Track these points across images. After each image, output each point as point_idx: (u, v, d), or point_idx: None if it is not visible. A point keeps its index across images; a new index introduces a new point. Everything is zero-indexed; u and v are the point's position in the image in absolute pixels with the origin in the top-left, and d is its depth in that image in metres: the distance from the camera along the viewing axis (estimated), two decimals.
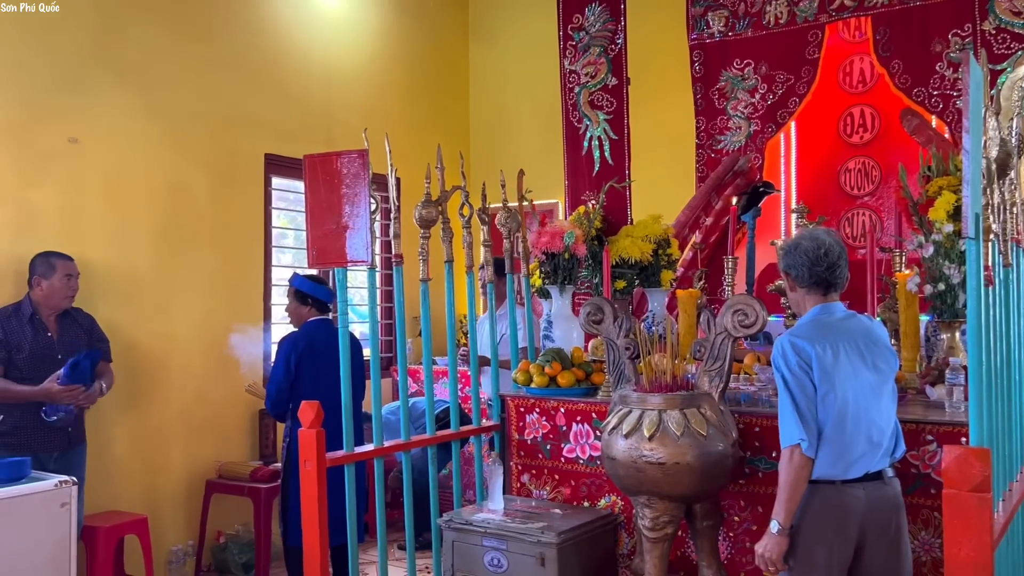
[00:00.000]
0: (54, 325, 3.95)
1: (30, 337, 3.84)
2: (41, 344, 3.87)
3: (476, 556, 3.11)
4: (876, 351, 2.54)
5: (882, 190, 5.16)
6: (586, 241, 4.02)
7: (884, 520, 2.46)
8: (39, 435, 3.77)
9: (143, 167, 4.67)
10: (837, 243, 2.58)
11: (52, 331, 3.93)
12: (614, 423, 2.88)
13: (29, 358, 3.82)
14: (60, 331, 3.96)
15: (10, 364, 3.79)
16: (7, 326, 3.82)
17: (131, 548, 4.33)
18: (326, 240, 3.04)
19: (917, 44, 4.40)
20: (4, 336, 3.80)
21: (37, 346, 3.85)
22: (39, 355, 3.84)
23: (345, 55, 5.99)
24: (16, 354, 3.80)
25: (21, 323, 3.85)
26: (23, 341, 3.82)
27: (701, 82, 5.16)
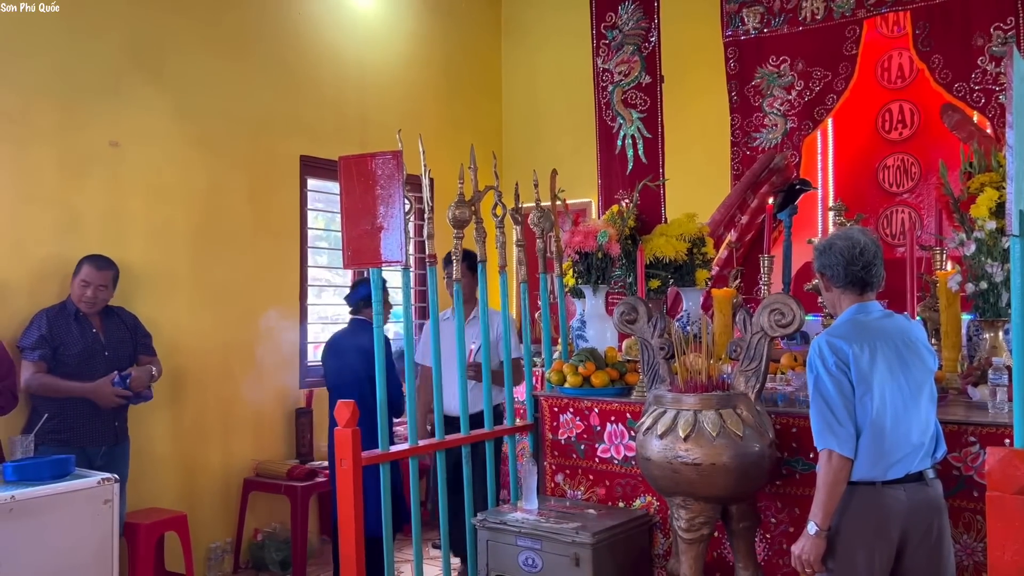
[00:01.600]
0: (99, 323, 4.05)
1: (77, 335, 3.94)
2: (89, 341, 3.97)
3: (510, 556, 3.12)
4: (914, 351, 2.51)
5: (922, 187, 5.07)
6: (620, 240, 4.00)
7: (926, 522, 2.42)
8: (88, 430, 3.87)
9: (181, 169, 4.75)
10: (873, 242, 2.55)
11: (98, 328, 4.03)
12: (649, 423, 2.87)
13: (79, 355, 3.92)
14: (106, 329, 4.06)
15: (57, 361, 3.88)
16: (54, 324, 3.92)
17: (171, 545, 4.40)
18: (361, 241, 3.06)
19: (958, 38, 4.31)
20: (50, 334, 3.89)
21: (85, 343, 3.95)
22: (88, 352, 3.95)
23: (378, 56, 6.03)
24: (65, 351, 3.90)
25: (67, 321, 3.95)
26: (71, 339, 3.92)
27: (736, 79, 5.11)
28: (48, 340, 3.88)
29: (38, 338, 3.85)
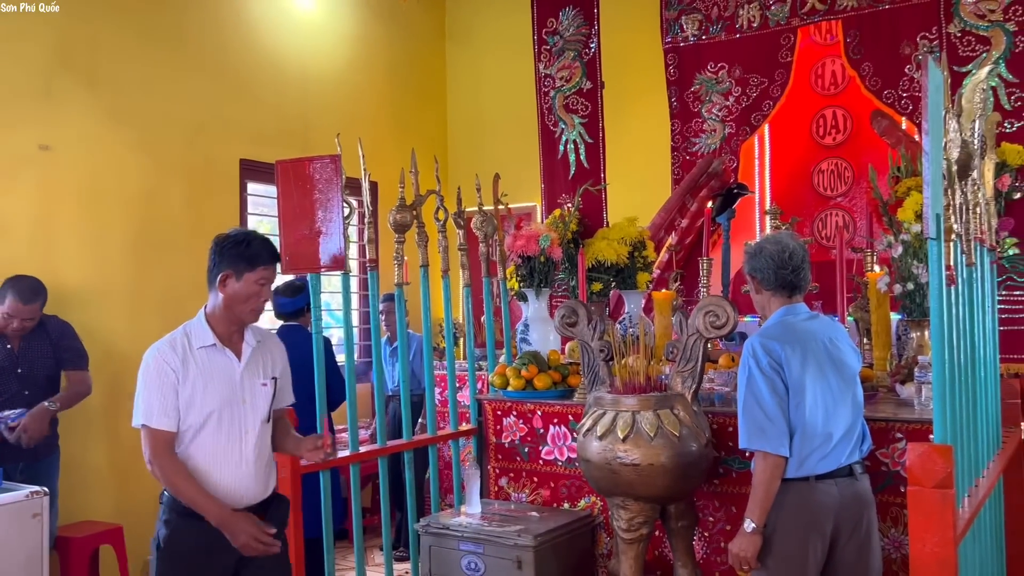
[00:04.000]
0: (17, 338, 3.84)
1: None
2: (1, 357, 3.79)
3: (453, 560, 3.11)
4: (840, 350, 2.59)
5: (854, 191, 5.21)
6: (562, 244, 4.04)
7: (856, 516, 2.50)
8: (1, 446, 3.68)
9: (116, 174, 4.64)
10: (801, 246, 2.63)
11: (13, 344, 3.83)
12: (589, 425, 2.90)
13: None
14: (24, 344, 3.85)
15: None
16: None
17: (106, 558, 4.29)
18: (300, 246, 3.04)
19: (886, 47, 4.44)
20: None
21: None
22: None
23: (321, 59, 5.98)
24: None
25: None
26: None
27: (675, 85, 5.19)
28: None
29: None
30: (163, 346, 2.48)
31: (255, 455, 2.48)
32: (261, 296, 2.51)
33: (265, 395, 2.53)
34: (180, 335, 2.51)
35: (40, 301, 3.88)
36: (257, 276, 2.49)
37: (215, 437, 2.42)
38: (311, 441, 2.56)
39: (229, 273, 2.49)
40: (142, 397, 2.40)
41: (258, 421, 2.50)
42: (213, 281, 2.52)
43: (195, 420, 2.40)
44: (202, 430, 2.41)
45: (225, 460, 2.43)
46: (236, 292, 2.49)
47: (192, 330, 2.53)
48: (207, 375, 2.44)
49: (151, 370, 2.42)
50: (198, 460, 2.41)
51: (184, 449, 2.41)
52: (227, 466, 2.42)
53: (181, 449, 2.41)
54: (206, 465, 2.41)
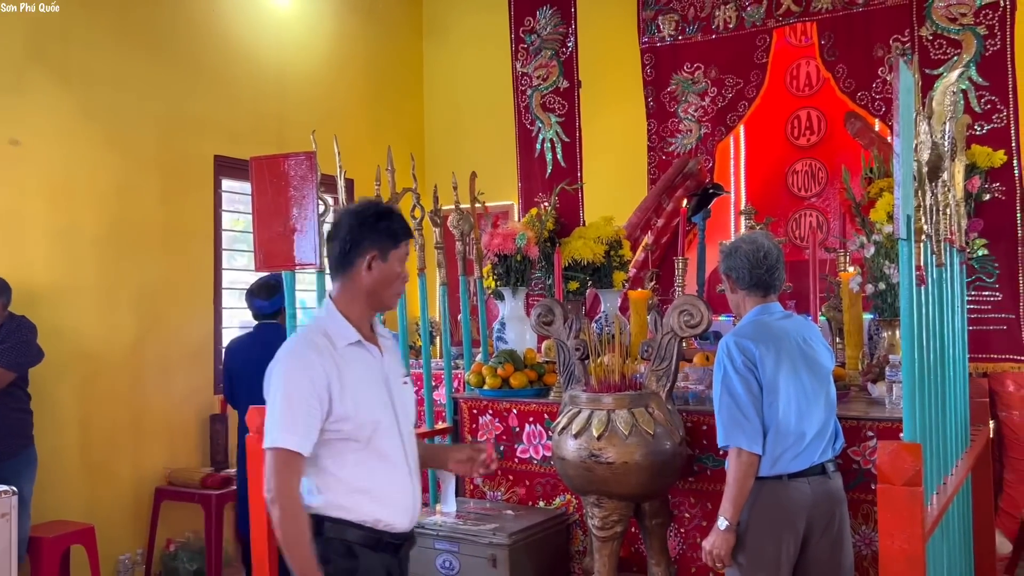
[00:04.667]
0: None
1: None
2: None
3: (428, 559, 3.11)
4: (813, 349, 2.61)
5: (828, 191, 5.26)
6: (538, 243, 4.04)
7: (828, 513, 2.52)
8: None
9: (88, 170, 4.58)
10: (775, 246, 2.65)
11: None
12: (564, 423, 2.91)
13: None
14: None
15: None
16: None
17: (77, 559, 4.24)
18: (274, 243, 3.02)
19: (860, 49, 4.49)
20: None
21: None
22: None
23: (297, 55, 5.93)
24: None
25: None
26: None
27: (652, 85, 5.21)
28: None
29: None
30: (303, 350, 2.01)
31: (416, 471, 2.10)
32: (405, 277, 2.14)
33: (410, 395, 2.18)
34: (316, 334, 2.05)
35: (3, 300, 3.81)
36: (402, 253, 2.11)
37: (381, 454, 2.02)
38: (466, 452, 2.22)
39: (375, 253, 2.06)
40: (281, 413, 1.96)
41: (410, 427, 2.12)
42: (350, 264, 2.07)
43: (360, 435, 2.00)
44: (367, 447, 2.00)
45: (393, 481, 2.04)
46: (383, 275, 2.08)
47: (329, 326, 2.07)
48: (361, 379, 2.03)
49: (294, 380, 1.97)
50: (363, 484, 1.99)
51: (347, 472, 2.00)
52: (396, 489, 2.04)
53: (344, 473, 2.00)
54: (374, 490, 2.00)
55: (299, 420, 1.94)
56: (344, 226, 2.09)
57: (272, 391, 2.00)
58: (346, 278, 2.10)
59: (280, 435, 1.95)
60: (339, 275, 2.11)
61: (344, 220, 2.10)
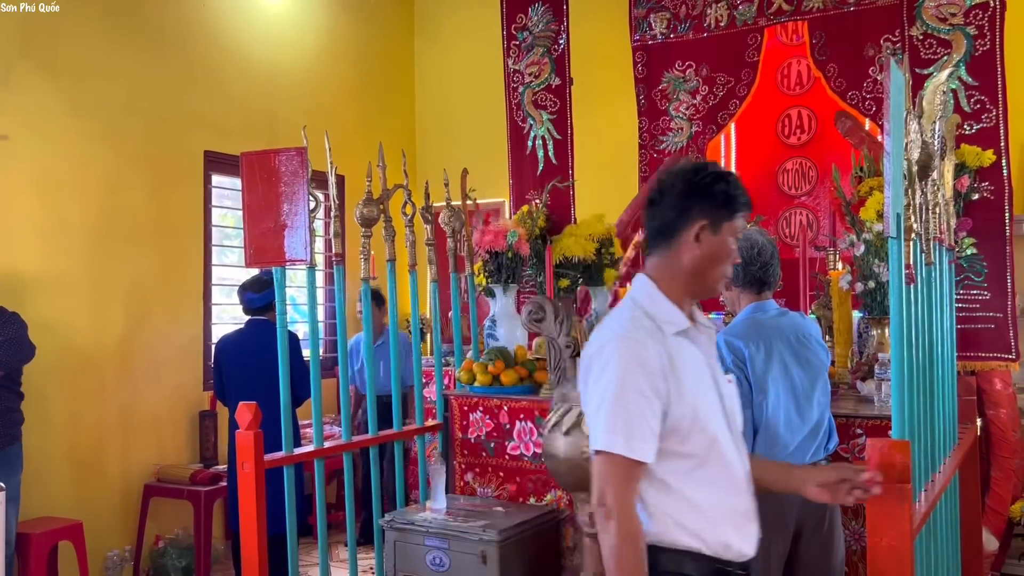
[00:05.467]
0: None
1: None
2: None
3: (418, 556, 3.11)
4: (808, 347, 2.61)
5: (818, 190, 5.28)
6: (529, 240, 4.04)
7: (819, 513, 2.52)
8: None
9: (77, 165, 4.55)
10: (770, 243, 2.65)
11: None
12: (555, 421, 2.90)
13: None
14: None
15: None
16: None
17: (66, 555, 4.22)
18: (264, 239, 3.00)
19: (851, 48, 4.50)
20: None
21: None
22: None
23: (288, 52, 5.91)
24: None
25: None
26: None
27: (643, 83, 5.21)
28: None
29: None
30: (634, 332, 1.65)
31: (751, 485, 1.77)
32: (736, 257, 1.77)
33: (735, 395, 1.84)
34: (641, 315, 1.69)
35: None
36: (737, 226, 1.76)
37: (722, 468, 1.69)
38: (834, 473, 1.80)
39: (705, 223, 1.71)
40: (611, 411, 1.60)
41: (740, 435, 1.80)
42: (673, 234, 1.72)
43: (698, 445, 1.66)
44: (707, 459, 1.67)
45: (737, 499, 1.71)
46: (711, 250, 1.72)
47: (655, 308, 1.71)
48: (693, 377, 1.69)
49: (628, 369, 1.61)
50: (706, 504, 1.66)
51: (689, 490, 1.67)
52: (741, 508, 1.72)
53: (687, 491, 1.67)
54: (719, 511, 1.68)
55: (638, 420, 1.60)
56: (670, 188, 1.73)
57: (596, 382, 1.64)
58: (666, 252, 1.74)
59: (616, 438, 1.59)
60: (658, 248, 1.76)
61: (671, 181, 1.74)
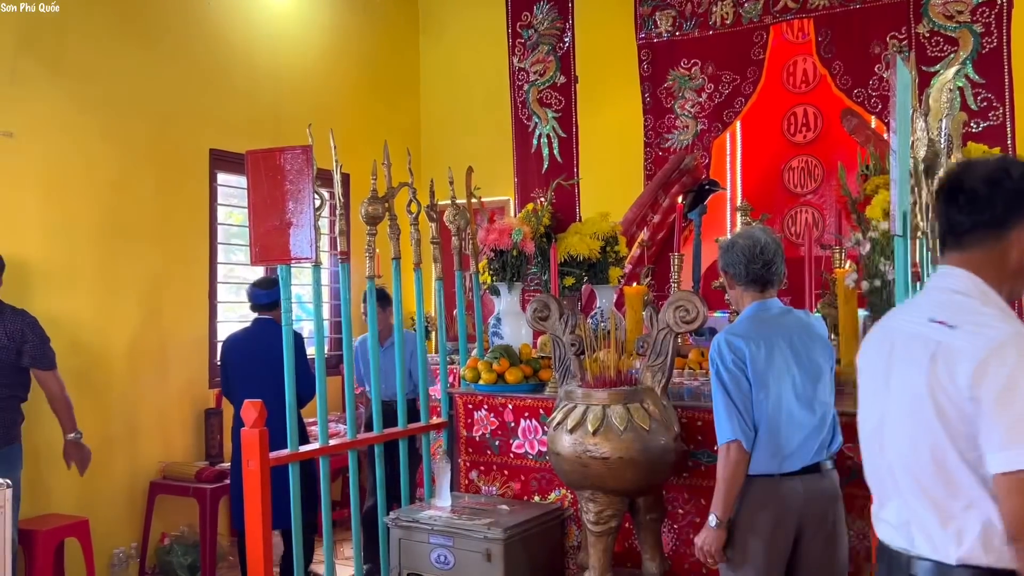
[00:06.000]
0: None
1: None
2: None
3: (423, 554, 3.11)
4: (812, 345, 2.60)
5: (824, 188, 5.28)
6: (534, 238, 4.04)
7: (821, 512, 2.52)
8: None
9: (83, 162, 4.56)
10: (774, 241, 2.64)
11: None
12: (559, 418, 2.91)
13: None
14: None
15: None
16: None
17: (72, 552, 4.23)
18: (270, 237, 3.01)
19: (857, 46, 4.49)
20: None
21: None
22: None
23: (293, 50, 5.92)
24: None
25: None
26: None
27: (649, 81, 5.21)
28: None
29: None
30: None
31: None
32: None
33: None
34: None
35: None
36: None
37: None
38: None
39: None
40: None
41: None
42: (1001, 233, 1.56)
43: None
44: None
45: None
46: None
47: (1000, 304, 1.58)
48: None
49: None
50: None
51: None
52: None
53: None
54: None
55: None
56: (1002, 182, 1.55)
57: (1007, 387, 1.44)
58: (991, 247, 1.57)
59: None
60: (975, 243, 1.58)
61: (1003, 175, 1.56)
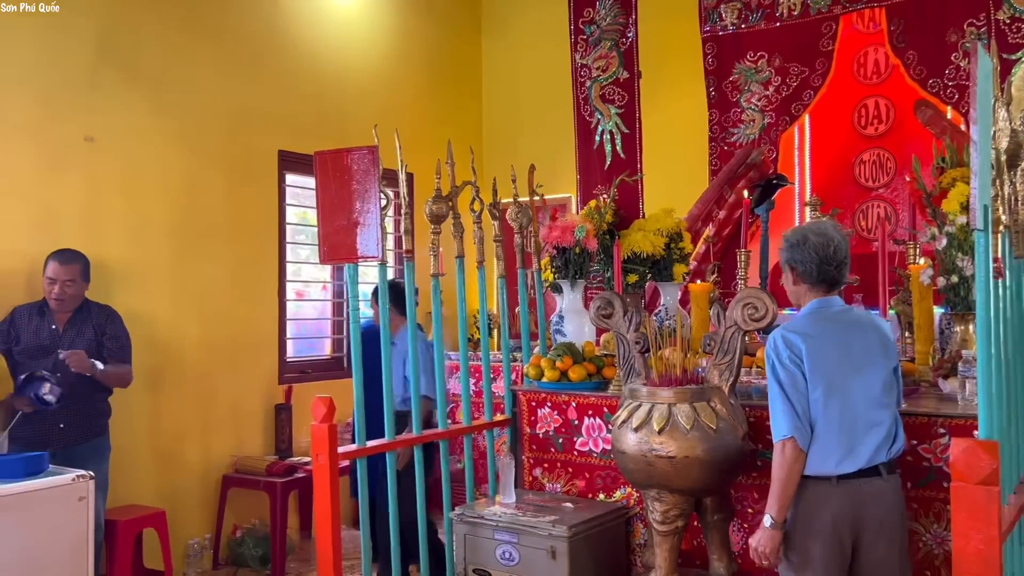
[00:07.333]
0: (64, 320, 3.93)
1: (34, 329, 3.87)
2: (43, 337, 3.86)
3: (488, 549, 3.13)
4: (872, 345, 2.51)
5: (897, 182, 5.13)
6: (597, 235, 4.02)
7: (880, 515, 2.42)
8: (42, 431, 3.74)
9: (158, 164, 4.72)
10: (844, 239, 2.55)
11: (59, 325, 3.91)
12: (624, 417, 2.89)
13: (29, 350, 3.84)
14: (69, 326, 3.92)
15: (9, 355, 3.82)
16: (18, 317, 3.89)
17: (150, 542, 4.38)
18: (337, 236, 3.06)
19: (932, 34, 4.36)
20: (11, 327, 3.87)
21: (39, 339, 3.86)
22: (39, 348, 3.84)
23: (358, 52, 6.01)
24: (14, 346, 3.85)
25: (31, 315, 3.90)
26: (27, 333, 3.86)
27: (714, 75, 5.14)
28: (6, 333, 3.85)
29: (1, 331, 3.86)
30: None
31: None
32: None
33: None
34: None
35: (80, 265, 3.95)
36: None
37: None
38: None
39: None
40: None
41: None
42: None
43: None
44: None
45: None
46: None
47: None
48: None
49: None
50: None
51: None
52: None
53: None
54: None
55: None
56: None
57: None
58: None
59: None
60: None
61: None
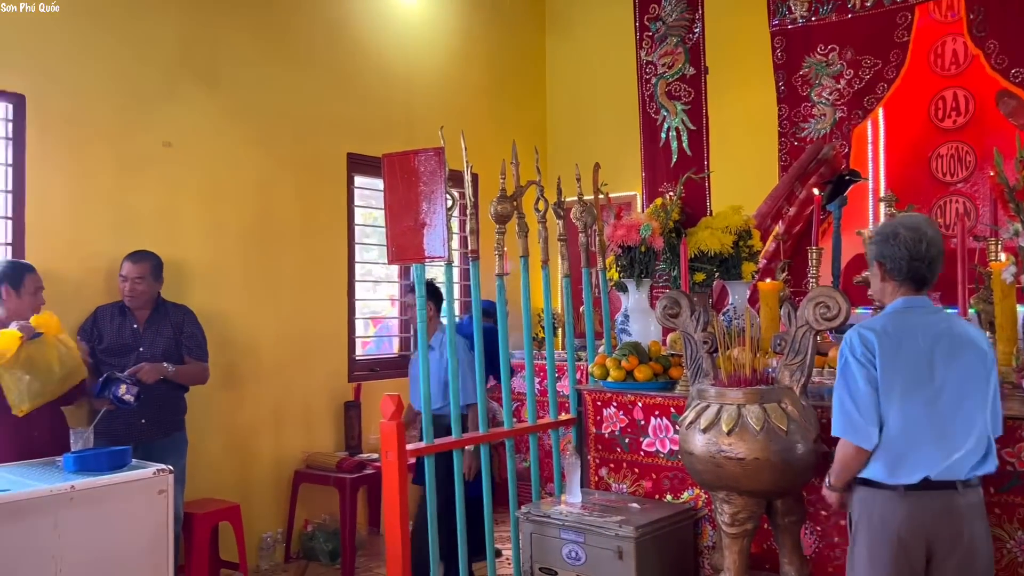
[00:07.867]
0: (143, 318, 4.09)
1: (115, 328, 4.04)
2: (125, 336, 4.04)
3: (554, 548, 3.13)
4: (961, 353, 2.37)
5: (976, 176, 4.94)
6: (663, 233, 3.98)
7: (952, 529, 2.30)
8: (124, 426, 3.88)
9: (232, 168, 4.86)
10: (938, 235, 2.43)
11: (140, 323, 4.08)
12: (692, 417, 2.85)
13: (111, 349, 4.01)
14: (148, 324, 4.08)
15: (92, 354, 3.98)
16: (100, 316, 4.07)
17: (225, 535, 4.52)
18: (405, 237, 3.11)
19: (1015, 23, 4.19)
20: (94, 326, 4.05)
21: (120, 337, 4.03)
22: (121, 346, 4.01)
23: (423, 54, 6.08)
24: (98, 344, 4.01)
25: (113, 314, 4.07)
26: (108, 332, 4.03)
27: (783, 69, 5.03)
28: (90, 332, 4.02)
29: (83, 330, 4.03)
30: None
31: None
32: None
33: None
34: None
35: (150, 263, 4.10)
36: None
37: None
38: None
39: None
40: None
41: None
42: None
43: None
44: None
45: None
46: None
47: None
48: None
49: None
50: None
51: None
52: None
53: None
54: None
55: None
56: None
57: None
58: None
59: None
60: None
61: None
